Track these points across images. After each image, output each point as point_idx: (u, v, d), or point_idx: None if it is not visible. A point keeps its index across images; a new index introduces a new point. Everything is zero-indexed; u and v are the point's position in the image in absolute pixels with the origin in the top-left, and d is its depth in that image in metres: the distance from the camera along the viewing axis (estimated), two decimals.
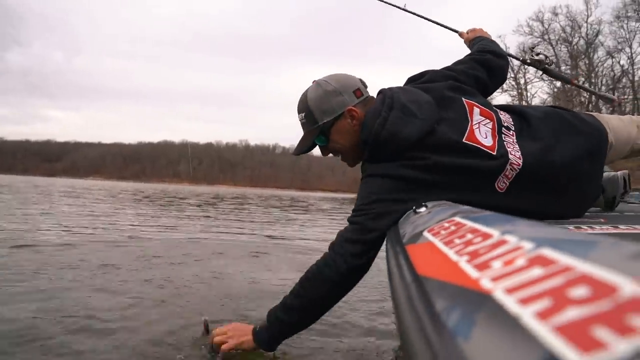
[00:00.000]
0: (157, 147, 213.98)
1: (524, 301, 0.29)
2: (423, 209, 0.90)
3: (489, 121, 1.18)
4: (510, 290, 0.32)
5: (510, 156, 1.11)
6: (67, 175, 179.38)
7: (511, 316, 0.29)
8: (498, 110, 1.24)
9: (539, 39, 30.12)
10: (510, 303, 0.30)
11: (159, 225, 5.11)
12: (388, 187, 1.11)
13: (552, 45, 30.32)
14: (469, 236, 0.51)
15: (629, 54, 27.34)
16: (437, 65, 1.47)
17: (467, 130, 1.13)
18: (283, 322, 1.20)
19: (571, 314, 0.25)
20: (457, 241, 0.52)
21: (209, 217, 6.90)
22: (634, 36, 27.06)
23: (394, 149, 1.12)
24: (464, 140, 1.11)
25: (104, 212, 6.62)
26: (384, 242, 1.10)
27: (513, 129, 1.20)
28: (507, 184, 1.13)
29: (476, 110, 1.19)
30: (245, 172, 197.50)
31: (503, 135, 1.17)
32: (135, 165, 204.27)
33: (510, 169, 1.11)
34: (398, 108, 1.13)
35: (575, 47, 30.04)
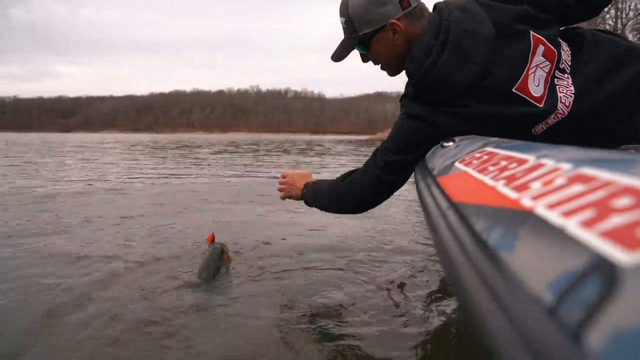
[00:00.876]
0: (169, 97, 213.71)
1: (567, 214, 0.31)
2: (451, 143, 0.91)
3: (547, 63, 1.08)
4: (552, 206, 0.34)
5: (558, 105, 1.05)
6: (82, 130, 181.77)
7: (556, 227, 0.31)
8: (562, 45, 1.12)
9: None
10: (553, 216, 0.32)
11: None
12: (425, 134, 1.10)
13: None
14: (503, 163, 0.53)
15: None
16: None
17: (522, 76, 1.05)
18: (320, 201, 1.40)
19: (615, 220, 0.27)
20: (491, 168, 0.54)
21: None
22: None
23: (439, 94, 1.08)
24: (513, 89, 1.05)
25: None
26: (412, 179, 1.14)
27: (569, 71, 1.10)
28: (545, 128, 1.09)
29: (540, 49, 1.08)
30: (259, 118, 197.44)
31: (556, 80, 1.08)
32: (149, 116, 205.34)
33: (554, 117, 1.06)
34: (452, 49, 1.04)
35: None
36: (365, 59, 1.28)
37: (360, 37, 1.19)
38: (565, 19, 1.17)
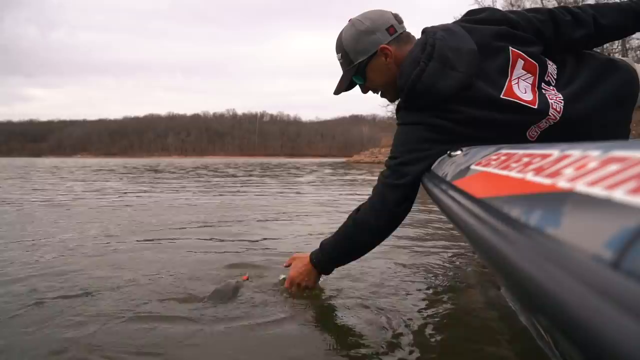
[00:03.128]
0: (143, 121, 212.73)
1: (611, 187, 0.34)
2: (459, 152, 0.95)
3: (529, 75, 1.20)
4: (592, 183, 0.37)
5: (550, 110, 1.15)
6: (54, 155, 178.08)
7: (601, 200, 0.34)
8: (547, 61, 1.23)
9: None
10: (596, 191, 0.35)
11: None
12: (421, 136, 1.20)
13: None
14: (526, 159, 0.57)
15: None
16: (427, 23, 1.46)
17: (505, 86, 1.16)
18: (331, 255, 1.43)
19: None
20: (514, 165, 0.57)
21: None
22: None
23: (429, 100, 1.18)
24: (501, 96, 1.15)
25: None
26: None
27: (554, 83, 1.22)
28: (538, 132, 1.19)
29: (520, 62, 1.20)
30: (234, 141, 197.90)
31: (543, 90, 1.19)
32: (123, 141, 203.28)
33: (546, 120, 1.16)
34: (437, 58, 1.15)
35: None
36: (364, 89, 1.41)
37: (357, 66, 1.31)
38: (548, 47, 1.26)
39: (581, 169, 0.42)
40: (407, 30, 1.33)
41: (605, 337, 0.26)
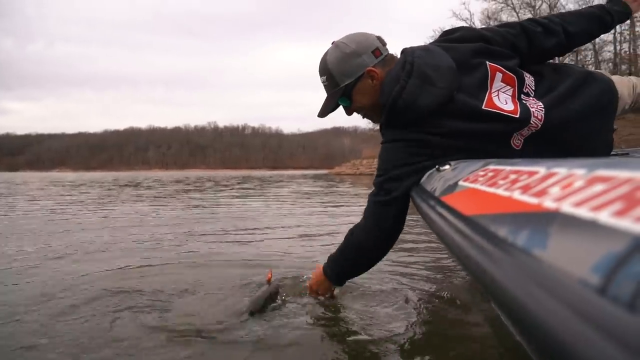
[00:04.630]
0: (124, 135, 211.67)
1: (596, 208, 0.35)
2: (447, 167, 0.96)
3: (509, 87, 1.24)
4: (578, 204, 0.38)
5: (532, 117, 1.19)
6: (32, 169, 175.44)
7: (587, 221, 0.34)
8: (524, 73, 1.28)
9: (502, 4, 31.54)
10: (582, 212, 0.36)
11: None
12: (405, 152, 1.23)
13: (515, 10, 31.75)
14: (513, 176, 0.57)
15: None
16: (406, 37, 1.54)
17: (486, 99, 1.20)
18: (336, 270, 1.48)
19: None
20: (502, 182, 0.58)
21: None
22: (593, 1, 28.20)
23: (410, 116, 1.20)
24: (483, 107, 1.19)
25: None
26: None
27: (532, 94, 1.26)
28: (522, 140, 1.22)
29: (498, 75, 1.24)
30: (216, 154, 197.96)
31: (523, 101, 1.23)
32: (102, 154, 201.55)
33: (528, 128, 1.20)
34: (417, 75, 1.18)
35: (539, 11, 31.37)
36: (349, 111, 1.42)
37: (343, 89, 1.33)
38: (522, 59, 1.33)
39: (567, 188, 0.43)
40: (391, 53, 1.36)
41: None
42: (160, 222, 4.16)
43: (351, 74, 1.31)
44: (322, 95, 1.42)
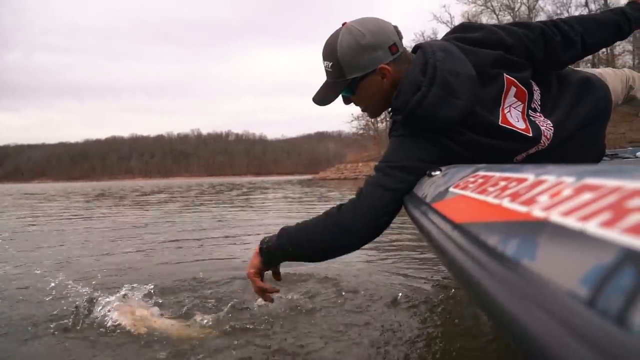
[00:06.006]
0: (106, 144, 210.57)
1: (584, 218, 0.35)
2: (438, 172, 0.97)
3: (520, 103, 1.21)
4: (566, 213, 0.38)
5: (542, 137, 1.18)
6: (10, 181, 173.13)
7: (575, 231, 0.35)
8: (533, 86, 1.25)
9: (482, 7, 32.64)
10: (570, 222, 0.36)
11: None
12: (423, 148, 1.17)
13: (495, 13, 32.92)
14: (502, 183, 0.58)
15: None
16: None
17: (500, 115, 1.17)
18: (287, 243, 1.25)
19: (635, 218, 0.31)
20: (491, 189, 0.58)
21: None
22: (571, 1, 29.50)
23: (429, 126, 1.16)
24: (500, 123, 1.16)
25: None
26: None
27: (539, 110, 1.24)
28: (524, 156, 1.21)
29: (512, 90, 1.20)
30: (200, 162, 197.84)
31: (531, 117, 1.21)
32: (84, 164, 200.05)
33: (536, 148, 1.19)
34: (439, 84, 1.11)
35: (518, 13, 32.49)
36: (348, 101, 1.34)
37: (349, 82, 1.24)
38: (536, 67, 1.27)
39: (556, 196, 0.43)
40: (406, 49, 1.27)
41: None
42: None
43: (362, 69, 1.21)
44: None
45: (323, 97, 1.29)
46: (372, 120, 47.84)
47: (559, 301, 0.31)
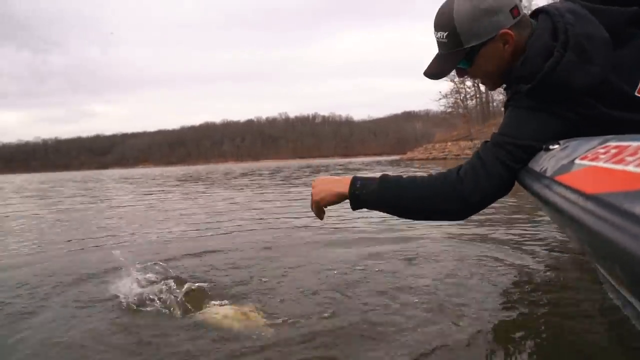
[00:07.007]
0: (200, 130, 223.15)
1: None
2: (557, 146, 0.94)
3: None
4: None
5: None
6: (118, 167, 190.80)
7: None
8: None
9: None
10: None
11: None
12: (547, 125, 1.09)
13: None
14: None
15: None
16: None
17: (638, 83, 1.05)
18: (387, 190, 1.20)
19: None
20: (630, 158, 0.57)
21: None
22: None
23: (560, 95, 1.07)
24: (636, 93, 1.04)
25: None
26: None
27: None
28: None
29: None
30: (288, 145, 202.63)
31: None
32: (181, 150, 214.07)
33: None
34: (573, 49, 1.02)
35: None
36: (462, 74, 1.26)
37: (467, 51, 1.15)
38: None
39: None
40: (524, 12, 1.16)
41: None
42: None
43: (481, 35, 1.12)
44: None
45: (438, 71, 1.22)
46: (461, 97, 45.66)
47: None
